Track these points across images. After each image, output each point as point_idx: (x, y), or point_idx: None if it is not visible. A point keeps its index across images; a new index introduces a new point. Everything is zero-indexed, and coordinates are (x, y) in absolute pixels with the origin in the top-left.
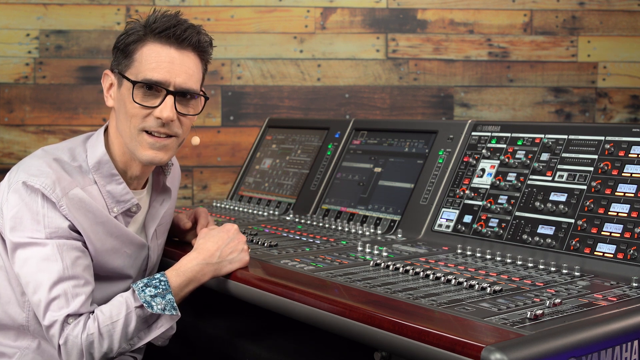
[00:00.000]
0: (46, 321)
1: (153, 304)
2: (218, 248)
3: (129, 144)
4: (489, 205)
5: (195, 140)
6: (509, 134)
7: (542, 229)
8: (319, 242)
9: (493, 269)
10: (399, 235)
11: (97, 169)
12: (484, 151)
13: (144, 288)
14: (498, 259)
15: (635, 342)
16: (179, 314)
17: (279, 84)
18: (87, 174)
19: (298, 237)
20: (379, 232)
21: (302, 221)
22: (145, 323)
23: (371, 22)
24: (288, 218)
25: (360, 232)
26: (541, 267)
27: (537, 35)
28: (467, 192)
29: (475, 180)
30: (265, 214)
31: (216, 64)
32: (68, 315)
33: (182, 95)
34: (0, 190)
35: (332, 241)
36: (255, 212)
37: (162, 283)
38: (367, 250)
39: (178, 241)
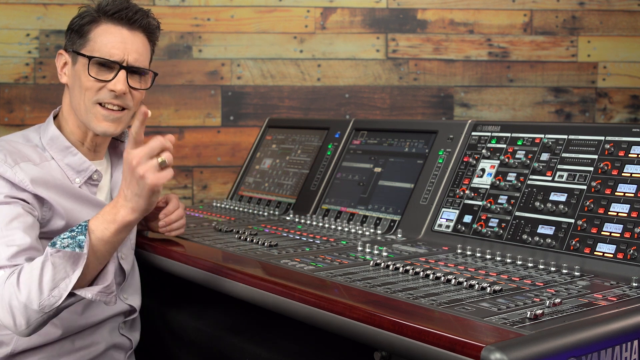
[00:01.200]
0: None
1: (58, 242)
2: (122, 188)
3: (84, 117)
4: (488, 205)
5: (146, 112)
6: (509, 134)
7: (542, 229)
8: (319, 242)
9: (493, 268)
10: (399, 235)
11: (51, 145)
12: (484, 151)
13: (65, 234)
14: (498, 258)
15: (635, 342)
16: (85, 251)
17: (279, 84)
18: (43, 152)
19: (298, 237)
20: (379, 232)
21: (302, 221)
22: (60, 272)
23: (371, 22)
24: (288, 218)
25: (360, 232)
26: (541, 267)
27: (537, 35)
28: (467, 192)
29: (475, 180)
30: (265, 214)
31: (216, 64)
32: None
33: (133, 71)
34: None
35: (332, 241)
36: (255, 212)
37: (80, 227)
38: (367, 250)
39: (153, 236)
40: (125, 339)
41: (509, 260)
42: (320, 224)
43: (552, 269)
